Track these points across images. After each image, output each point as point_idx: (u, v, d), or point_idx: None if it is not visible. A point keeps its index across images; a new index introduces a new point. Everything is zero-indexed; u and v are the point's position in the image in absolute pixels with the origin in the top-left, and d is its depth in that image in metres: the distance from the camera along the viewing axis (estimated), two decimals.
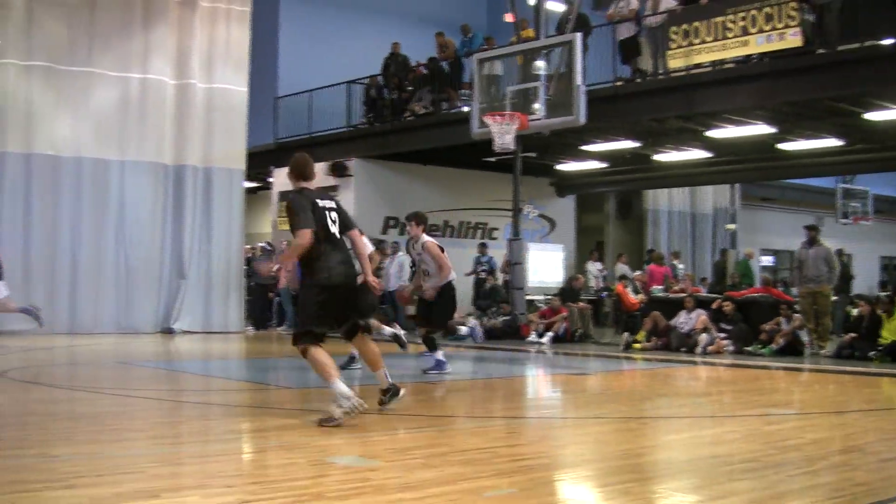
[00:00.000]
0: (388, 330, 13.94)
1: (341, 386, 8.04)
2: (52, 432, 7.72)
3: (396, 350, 13.92)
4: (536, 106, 19.01)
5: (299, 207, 8.29)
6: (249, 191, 26.42)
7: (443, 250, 13.33)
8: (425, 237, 13.20)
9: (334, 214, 8.50)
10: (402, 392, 9.00)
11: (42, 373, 13.23)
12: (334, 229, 8.44)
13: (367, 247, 13.71)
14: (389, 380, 8.92)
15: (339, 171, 25.16)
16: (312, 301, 8.34)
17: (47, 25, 21.30)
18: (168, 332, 21.81)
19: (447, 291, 13.31)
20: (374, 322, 13.89)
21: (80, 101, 21.76)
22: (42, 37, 21.23)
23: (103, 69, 21.93)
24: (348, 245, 8.69)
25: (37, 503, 5.32)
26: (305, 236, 8.20)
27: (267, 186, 28.47)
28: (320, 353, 8.21)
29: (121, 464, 6.58)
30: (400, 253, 23.04)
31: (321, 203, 8.42)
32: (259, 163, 25.73)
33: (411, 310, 19.46)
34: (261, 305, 24.85)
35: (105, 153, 21.79)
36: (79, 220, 21.44)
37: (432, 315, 13.48)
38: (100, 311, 21.54)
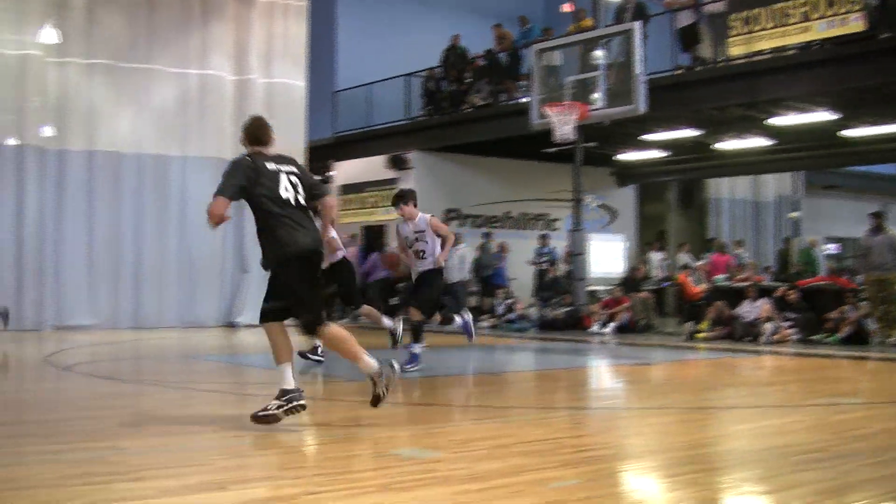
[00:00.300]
0: (386, 322, 13.36)
1: (370, 361, 7.77)
2: (119, 425, 7.80)
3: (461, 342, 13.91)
4: (596, 96, 18.97)
5: (228, 172, 7.59)
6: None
7: None
8: (424, 214, 12.40)
9: (293, 179, 7.66)
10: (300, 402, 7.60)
11: (108, 367, 13.38)
12: (290, 195, 7.57)
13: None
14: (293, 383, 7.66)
15: (398, 164, 25.21)
16: (299, 279, 7.63)
17: (107, 24, 21.55)
18: (231, 325, 21.97)
19: (439, 276, 12.50)
20: (367, 310, 13.69)
21: (140, 98, 22.00)
22: (102, 35, 21.48)
23: (163, 66, 22.16)
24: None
25: (107, 495, 5.37)
26: (218, 204, 7.47)
27: (326, 181, 28.57)
28: (336, 332, 7.73)
29: (188, 456, 6.64)
30: (462, 245, 23.04)
31: (273, 167, 7.60)
32: (318, 157, 25.81)
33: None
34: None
35: (166, 149, 22.01)
36: (141, 216, 21.67)
37: (418, 298, 12.40)
38: (163, 305, 21.77)
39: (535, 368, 14.75)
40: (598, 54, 19.28)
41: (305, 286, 7.63)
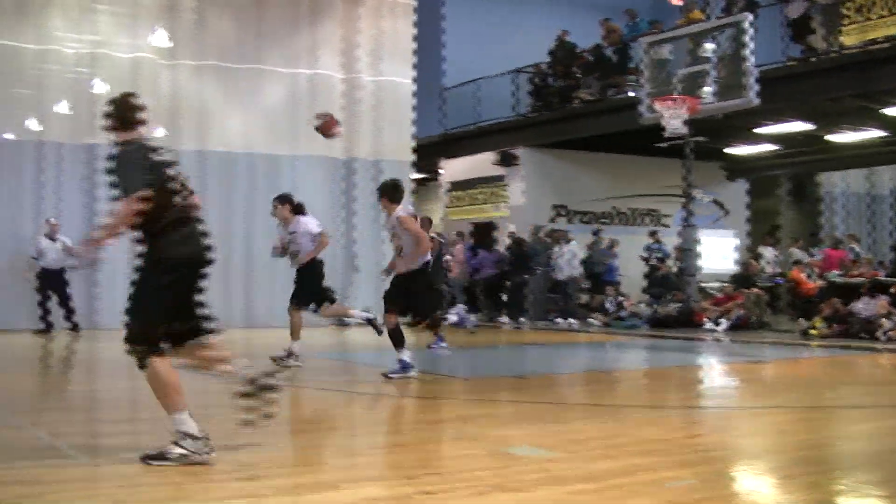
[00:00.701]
0: (358, 313, 13.21)
1: (187, 421, 6.28)
2: (233, 424, 7.91)
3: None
4: (706, 89, 18.74)
5: (132, 161, 6.29)
6: (419, 182, 26.63)
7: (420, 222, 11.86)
8: (399, 210, 11.32)
9: (178, 170, 6.53)
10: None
11: None
12: (178, 191, 6.46)
13: (314, 228, 13.09)
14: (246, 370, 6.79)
15: (507, 160, 25.18)
16: (164, 286, 6.39)
17: (217, 25, 21.94)
18: (341, 324, 22.12)
19: (422, 277, 11.35)
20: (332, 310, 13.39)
21: (250, 98, 22.34)
22: (212, 36, 21.88)
23: (272, 66, 22.48)
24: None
25: (222, 493, 5.50)
26: (143, 198, 6.18)
27: (435, 178, 28.69)
28: (166, 370, 6.41)
29: (301, 455, 6.73)
30: (572, 241, 22.96)
31: (160, 158, 6.41)
32: (427, 154, 25.92)
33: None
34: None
35: (276, 149, 22.31)
36: (253, 214, 21.93)
37: (413, 305, 11.37)
38: (275, 303, 21.91)
39: (647, 366, 14.63)
40: (708, 47, 19.06)
41: (165, 303, 6.40)
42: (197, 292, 6.60)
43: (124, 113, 6.52)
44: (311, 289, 13.26)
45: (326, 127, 12.25)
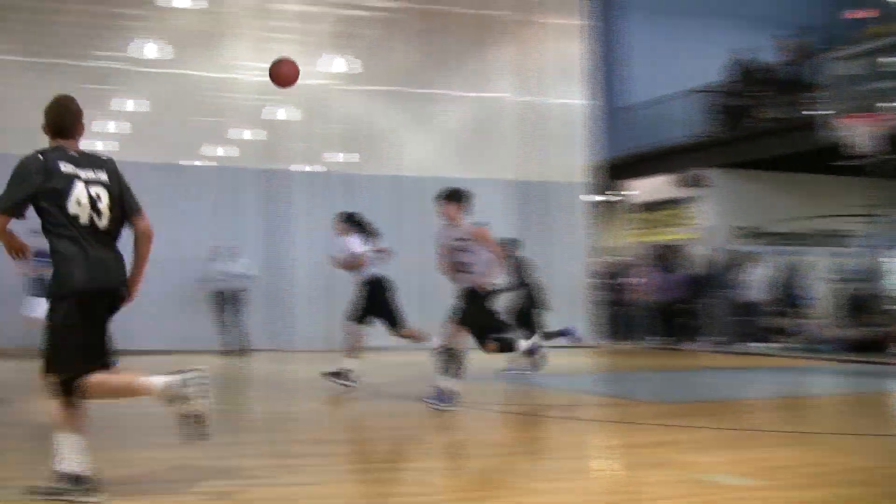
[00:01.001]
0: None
1: (163, 385, 5.68)
2: (421, 447, 7.97)
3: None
4: (893, 104, 18.22)
5: (12, 177, 5.67)
6: (605, 204, 26.62)
7: None
8: (470, 222, 10.62)
9: (96, 190, 5.78)
10: None
11: (406, 388, 13.64)
12: (80, 211, 5.69)
13: (354, 247, 12.80)
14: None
15: (695, 181, 24.85)
16: (61, 325, 5.66)
17: (393, 50, 22.38)
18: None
19: (479, 299, 10.63)
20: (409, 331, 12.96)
21: (427, 123, 22.69)
22: (389, 62, 22.32)
23: (448, 90, 22.78)
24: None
25: None
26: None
27: (615, 199, 28.48)
28: (104, 377, 5.76)
29: (493, 479, 6.72)
30: (759, 263, 22.58)
31: (69, 170, 5.72)
32: (610, 175, 25.81)
33: None
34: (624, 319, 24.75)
35: (455, 172, 22.45)
36: (426, 238, 22.05)
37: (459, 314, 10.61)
38: None
39: (840, 391, 14.17)
40: (894, 61, 18.54)
41: (67, 332, 5.65)
42: (104, 327, 5.86)
43: (58, 118, 5.94)
44: (381, 305, 13.05)
45: (283, 74, 10.00)
